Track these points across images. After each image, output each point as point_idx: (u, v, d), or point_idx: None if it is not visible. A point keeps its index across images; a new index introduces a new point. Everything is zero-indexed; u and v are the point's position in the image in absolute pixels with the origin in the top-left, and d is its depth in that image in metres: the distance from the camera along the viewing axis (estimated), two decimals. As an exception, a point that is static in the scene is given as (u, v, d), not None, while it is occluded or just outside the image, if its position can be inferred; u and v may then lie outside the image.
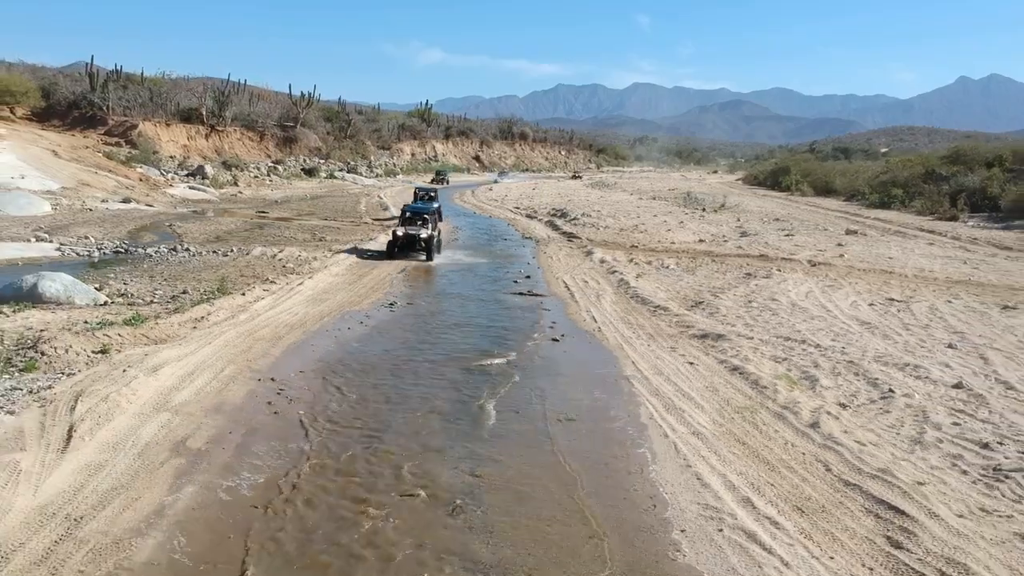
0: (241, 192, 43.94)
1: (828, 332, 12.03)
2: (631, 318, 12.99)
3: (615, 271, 17.90)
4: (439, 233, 21.13)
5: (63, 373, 8.36)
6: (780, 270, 18.39)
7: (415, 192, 30.74)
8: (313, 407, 8.10)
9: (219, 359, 9.29)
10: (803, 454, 7.05)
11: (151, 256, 19.30)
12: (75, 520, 5.30)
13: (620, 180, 72.40)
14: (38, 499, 5.54)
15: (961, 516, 5.92)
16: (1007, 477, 6.66)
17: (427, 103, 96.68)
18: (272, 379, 8.85)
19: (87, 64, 60.66)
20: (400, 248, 19.55)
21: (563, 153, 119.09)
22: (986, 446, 7.37)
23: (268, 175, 54.05)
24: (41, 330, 10.49)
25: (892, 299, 15.27)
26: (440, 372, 9.68)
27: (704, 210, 37.18)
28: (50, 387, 7.74)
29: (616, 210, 35.30)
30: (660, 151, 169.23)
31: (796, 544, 5.38)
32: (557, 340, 11.56)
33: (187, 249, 20.41)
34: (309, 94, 70.43)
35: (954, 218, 33.49)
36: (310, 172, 58.76)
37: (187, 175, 44.33)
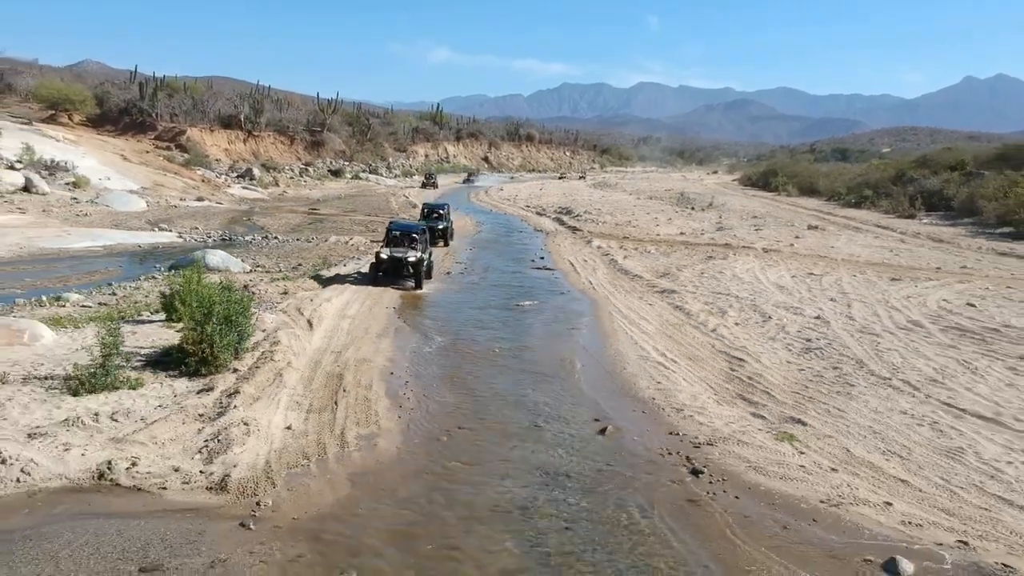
0: (285, 192, 49.63)
1: (749, 291, 17.71)
2: (615, 282, 18.73)
3: (608, 254, 23.63)
4: (430, 255, 19.11)
5: (272, 302, 14.12)
6: (736, 254, 24.02)
7: (423, 208, 28.13)
8: (424, 321, 13.95)
9: (358, 298, 15.13)
10: (701, 342, 12.79)
11: (250, 243, 25.01)
12: (337, 352, 11.11)
13: (622, 181, 77.57)
14: (313, 345, 11.36)
15: (773, 363, 11.61)
16: (809, 352, 12.35)
17: (438, 106, 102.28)
18: (394, 308, 14.71)
19: (132, 72, 66.78)
20: (385, 273, 17.23)
21: (568, 154, 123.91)
22: (809, 340, 13.05)
23: (301, 176, 59.62)
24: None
25: (812, 273, 20.85)
26: (493, 309, 15.51)
27: (693, 208, 42.60)
28: (276, 306, 13.50)
29: (615, 208, 40.98)
30: (663, 151, 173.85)
31: (682, 367, 11.16)
32: (564, 294, 17.32)
33: (275, 237, 26.18)
34: (333, 100, 76.40)
35: (912, 216, 38.05)
36: (336, 173, 64.15)
37: (237, 177, 50.03)
